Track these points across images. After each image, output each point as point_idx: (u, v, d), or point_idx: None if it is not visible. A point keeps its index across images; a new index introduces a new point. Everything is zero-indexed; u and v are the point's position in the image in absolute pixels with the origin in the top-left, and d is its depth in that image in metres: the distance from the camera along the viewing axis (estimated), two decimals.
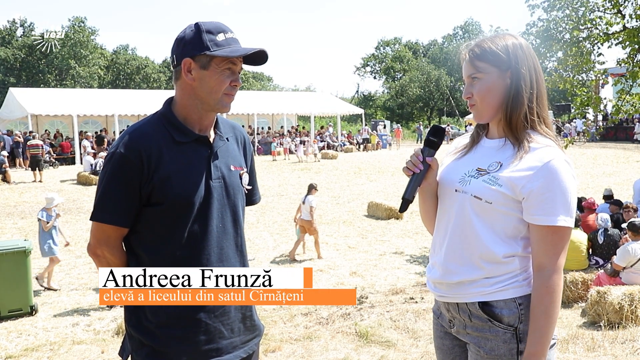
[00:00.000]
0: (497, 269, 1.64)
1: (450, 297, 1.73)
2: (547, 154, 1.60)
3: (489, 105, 1.68)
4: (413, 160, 1.75)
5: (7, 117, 26.02)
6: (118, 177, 1.69)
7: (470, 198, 1.65)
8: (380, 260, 8.55)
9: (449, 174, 1.77)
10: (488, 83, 1.66)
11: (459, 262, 1.69)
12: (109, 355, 4.81)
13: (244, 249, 1.88)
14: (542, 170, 1.57)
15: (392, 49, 60.03)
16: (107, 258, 1.76)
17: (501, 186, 1.61)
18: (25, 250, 5.96)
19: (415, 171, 1.74)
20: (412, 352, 4.65)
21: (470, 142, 1.81)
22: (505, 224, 1.63)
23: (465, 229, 1.67)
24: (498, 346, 1.64)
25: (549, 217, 1.57)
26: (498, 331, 1.64)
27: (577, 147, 23.77)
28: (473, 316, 1.68)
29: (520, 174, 1.59)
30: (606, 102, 10.13)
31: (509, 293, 1.64)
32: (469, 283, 1.67)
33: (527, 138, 1.65)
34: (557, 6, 9.49)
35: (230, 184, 1.82)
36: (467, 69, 1.70)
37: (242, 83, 1.82)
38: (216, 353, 1.76)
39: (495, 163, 1.66)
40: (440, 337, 1.87)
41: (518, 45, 1.68)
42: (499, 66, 1.66)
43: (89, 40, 47.46)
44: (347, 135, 33.14)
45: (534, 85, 1.67)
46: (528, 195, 1.58)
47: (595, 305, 5.56)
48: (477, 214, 1.64)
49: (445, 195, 1.76)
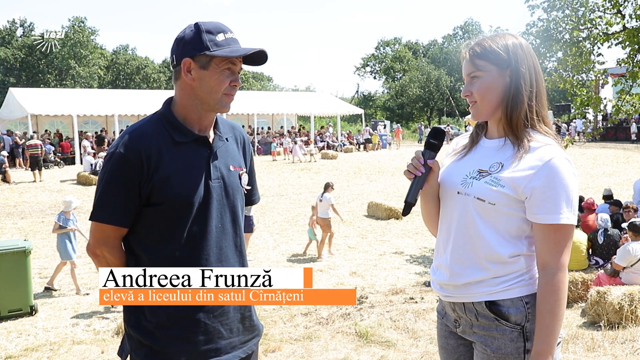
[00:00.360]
0: (503, 269, 1.64)
1: (456, 297, 1.73)
2: (547, 152, 1.60)
3: (489, 104, 1.68)
4: (414, 163, 1.74)
5: (7, 117, 26.02)
6: (117, 177, 1.69)
7: (473, 200, 1.65)
8: (380, 260, 8.55)
9: (450, 176, 1.76)
10: (487, 81, 1.67)
11: (464, 263, 1.69)
12: (109, 355, 4.81)
13: (243, 249, 1.87)
14: (544, 169, 1.58)
15: (392, 49, 60.03)
16: (107, 258, 1.76)
17: (503, 187, 1.61)
18: (25, 250, 5.96)
19: (416, 174, 1.74)
20: (412, 352, 4.65)
21: (469, 143, 1.81)
22: (509, 225, 1.63)
23: (469, 230, 1.67)
24: (505, 345, 1.64)
25: (552, 216, 1.57)
26: (505, 330, 1.64)
27: (577, 147, 23.77)
28: (480, 315, 1.68)
29: (522, 174, 1.59)
30: (606, 102, 10.13)
31: (516, 292, 1.64)
32: (475, 283, 1.67)
33: (527, 137, 1.65)
34: (557, 6, 9.49)
35: (230, 184, 1.81)
36: (467, 67, 1.70)
37: (242, 83, 1.82)
38: (215, 353, 1.76)
39: (497, 164, 1.66)
40: (444, 337, 1.87)
41: (518, 45, 1.68)
42: (499, 65, 1.66)
43: (89, 40, 47.48)
44: (347, 135, 33.13)
45: (534, 84, 1.67)
46: (530, 194, 1.59)
47: (595, 305, 5.56)
48: (480, 215, 1.64)
49: (447, 197, 1.75)
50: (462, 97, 1.75)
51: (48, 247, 9.49)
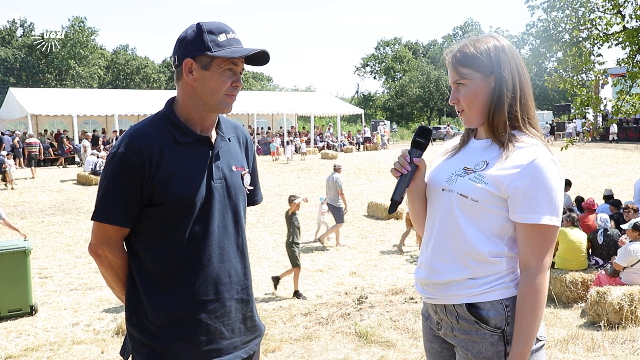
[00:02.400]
0: (484, 269, 1.64)
1: (437, 299, 1.72)
2: (532, 152, 1.60)
3: (477, 111, 1.68)
4: (400, 161, 1.75)
5: (7, 117, 26.03)
6: (119, 177, 1.69)
7: (457, 196, 1.65)
8: (380, 260, 8.55)
9: (437, 174, 1.77)
10: (473, 89, 1.67)
11: (445, 261, 1.68)
12: (109, 355, 4.80)
13: (245, 249, 1.87)
14: (528, 168, 1.57)
15: (392, 49, 60.07)
16: (109, 258, 1.76)
17: (487, 184, 1.61)
18: (25, 250, 5.96)
19: (403, 172, 1.75)
20: (412, 352, 4.65)
21: (460, 144, 1.82)
22: (491, 223, 1.63)
23: (451, 227, 1.67)
24: (486, 349, 1.63)
25: (534, 216, 1.57)
26: (485, 334, 1.63)
27: (577, 147, 23.76)
28: (460, 318, 1.67)
29: (506, 172, 1.60)
30: (606, 102, 10.13)
31: (496, 294, 1.63)
32: (455, 284, 1.66)
33: (512, 138, 1.65)
34: (557, 6, 9.48)
35: (232, 185, 1.81)
36: (452, 75, 1.70)
37: (242, 83, 1.81)
38: (217, 353, 1.76)
39: (482, 162, 1.67)
40: (429, 340, 1.86)
41: (500, 48, 1.67)
42: (483, 71, 1.66)
43: (89, 40, 47.52)
44: (347, 135, 33.13)
45: (517, 89, 1.66)
46: (513, 193, 1.58)
47: (595, 305, 5.56)
48: (463, 212, 1.64)
49: (433, 195, 1.76)
50: (450, 104, 1.75)
51: (48, 247, 9.50)
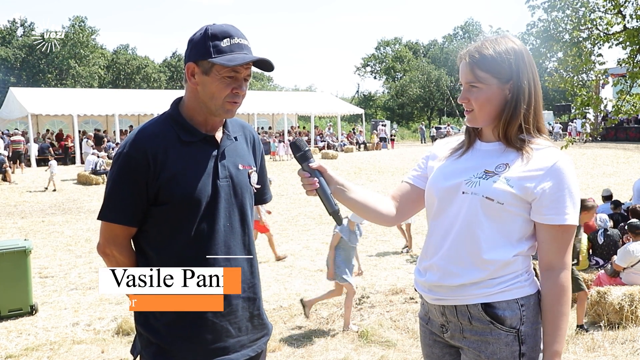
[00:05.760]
0: (502, 270, 1.63)
1: (448, 300, 1.68)
2: (552, 154, 1.62)
3: (487, 114, 1.67)
4: (304, 182, 1.76)
5: (7, 117, 26.04)
6: (125, 177, 1.70)
7: (482, 199, 1.62)
8: (380, 260, 8.55)
9: (451, 176, 1.72)
10: (488, 94, 1.65)
11: (462, 264, 1.65)
12: (109, 355, 4.80)
13: (252, 247, 1.87)
14: (552, 170, 1.59)
15: (392, 49, 60.05)
16: (116, 257, 1.77)
17: (512, 187, 1.60)
18: (25, 250, 5.96)
19: (316, 186, 1.75)
20: (412, 352, 4.65)
21: (465, 145, 1.78)
22: (513, 225, 1.63)
23: (473, 230, 1.64)
24: (500, 349, 1.62)
25: (560, 217, 1.59)
26: (500, 334, 1.61)
27: (577, 147, 23.77)
28: (474, 319, 1.65)
29: (530, 174, 1.60)
30: (606, 102, 10.12)
31: (512, 294, 1.63)
32: (471, 285, 1.64)
33: (527, 140, 1.66)
34: (558, 6, 9.49)
35: (238, 183, 1.81)
36: (467, 75, 1.67)
37: (245, 90, 1.79)
38: (223, 352, 1.76)
39: (502, 165, 1.65)
40: (428, 345, 1.83)
41: (520, 55, 1.65)
42: (500, 78, 1.64)
43: (89, 40, 47.50)
44: (347, 135, 33.12)
45: (532, 98, 1.66)
46: (540, 195, 1.59)
47: (595, 305, 5.56)
48: (487, 215, 1.62)
49: (447, 197, 1.71)
50: (459, 102, 1.73)
51: (48, 247, 9.49)
